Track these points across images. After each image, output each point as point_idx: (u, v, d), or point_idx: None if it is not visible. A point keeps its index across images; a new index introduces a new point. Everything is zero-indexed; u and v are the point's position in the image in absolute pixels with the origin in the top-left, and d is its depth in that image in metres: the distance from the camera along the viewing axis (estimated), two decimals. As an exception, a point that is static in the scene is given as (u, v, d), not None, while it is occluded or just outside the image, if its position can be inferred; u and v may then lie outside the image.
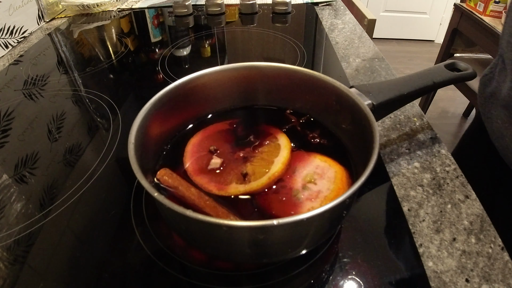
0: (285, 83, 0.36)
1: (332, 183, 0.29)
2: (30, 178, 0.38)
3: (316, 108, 0.36)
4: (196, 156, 0.32)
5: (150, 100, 0.30)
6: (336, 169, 0.30)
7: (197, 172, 0.30)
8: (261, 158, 0.31)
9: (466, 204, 0.33)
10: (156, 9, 0.88)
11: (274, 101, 0.38)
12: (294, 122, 0.36)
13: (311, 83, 0.35)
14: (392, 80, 0.36)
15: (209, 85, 0.36)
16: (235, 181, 0.29)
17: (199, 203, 0.27)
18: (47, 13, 0.83)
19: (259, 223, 0.20)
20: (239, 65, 0.36)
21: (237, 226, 0.21)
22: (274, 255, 0.26)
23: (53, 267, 0.29)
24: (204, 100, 0.36)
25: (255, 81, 0.37)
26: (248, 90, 0.38)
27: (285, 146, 0.32)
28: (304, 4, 0.88)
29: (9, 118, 0.49)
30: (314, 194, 0.28)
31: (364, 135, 0.29)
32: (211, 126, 0.36)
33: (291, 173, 0.30)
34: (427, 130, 0.42)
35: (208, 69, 0.35)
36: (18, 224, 0.33)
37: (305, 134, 0.35)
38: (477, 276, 0.27)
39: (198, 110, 0.37)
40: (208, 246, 0.26)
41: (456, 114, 1.88)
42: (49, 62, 0.65)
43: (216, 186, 0.29)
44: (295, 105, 0.38)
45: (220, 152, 0.32)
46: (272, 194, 0.29)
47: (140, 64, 0.64)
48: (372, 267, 0.28)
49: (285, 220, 0.20)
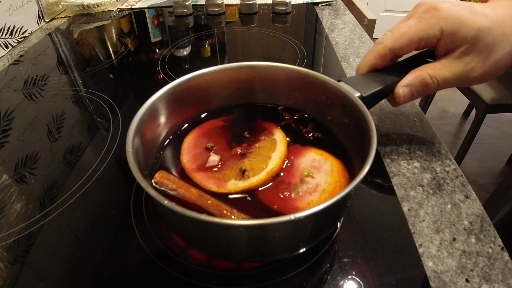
0: (277, 81, 0.37)
1: (329, 176, 0.29)
2: (30, 178, 0.38)
3: (308, 103, 0.36)
4: (193, 154, 0.32)
5: (144, 106, 0.30)
6: (332, 162, 0.30)
7: (195, 170, 0.30)
8: (258, 153, 0.31)
9: (466, 204, 0.33)
10: (156, 9, 0.88)
11: (267, 99, 0.39)
12: (288, 119, 0.37)
13: (301, 79, 0.35)
14: (378, 71, 0.36)
15: (202, 86, 0.36)
16: (234, 178, 0.29)
17: (201, 203, 0.27)
18: (47, 13, 0.83)
19: (279, 219, 0.20)
20: (229, 65, 0.36)
21: (257, 225, 0.20)
22: (287, 250, 0.26)
23: (53, 267, 0.29)
24: (197, 100, 0.36)
25: (247, 80, 0.37)
26: (240, 88, 0.38)
27: (281, 141, 0.32)
28: (304, 4, 0.88)
29: (9, 118, 0.49)
30: (312, 188, 0.28)
31: (358, 126, 0.29)
32: (206, 124, 0.36)
33: (288, 167, 0.31)
34: (427, 130, 0.42)
35: (199, 71, 0.35)
36: (18, 224, 0.33)
37: (299, 129, 0.35)
38: (477, 276, 0.27)
39: (192, 111, 0.37)
40: (221, 248, 0.26)
41: (456, 114, 1.88)
42: (49, 62, 0.65)
43: (215, 183, 0.29)
44: (288, 102, 0.38)
45: (217, 149, 0.32)
46: (271, 189, 0.29)
47: (140, 64, 0.64)
48: (372, 267, 0.28)
49: (302, 214, 0.20)
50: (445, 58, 0.33)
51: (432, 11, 0.32)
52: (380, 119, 0.44)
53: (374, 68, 0.35)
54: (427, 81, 0.33)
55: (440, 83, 0.33)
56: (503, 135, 1.73)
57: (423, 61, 0.36)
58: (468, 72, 0.32)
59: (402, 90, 0.34)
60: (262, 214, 0.27)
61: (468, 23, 0.30)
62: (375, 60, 0.35)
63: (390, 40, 0.33)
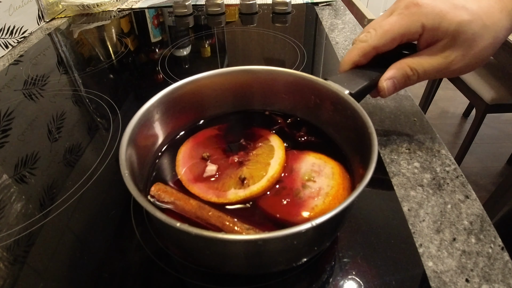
0: (267, 86, 0.36)
1: (331, 179, 0.29)
2: (30, 178, 0.38)
3: (298, 106, 0.36)
4: (189, 165, 0.31)
5: (133, 118, 0.28)
6: (332, 165, 0.30)
7: (193, 181, 0.29)
8: (256, 161, 0.31)
9: (466, 204, 0.33)
10: (156, 9, 0.88)
11: (258, 105, 0.38)
12: (281, 123, 0.36)
13: (289, 82, 0.35)
14: (361, 67, 0.37)
15: (190, 96, 0.34)
16: (234, 187, 0.28)
17: (201, 215, 0.26)
18: (47, 13, 0.83)
19: (300, 228, 0.19)
20: (210, 73, 0.35)
21: (273, 238, 0.19)
22: (301, 256, 0.25)
23: (53, 267, 0.29)
24: (190, 108, 0.35)
25: (229, 88, 0.36)
26: (225, 96, 0.37)
27: (278, 147, 0.32)
28: (304, 4, 0.88)
29: (9, 118, 0.49)
30: (315, 192, 0.28)
31: (353, 124, 0.29)
32: (200, 133, 0.35)
33: (288, 173, 0.30)
34: (427, 130, 0.42)
35: (187, 79, 0.34)
36: (18, 224, 0.33)
37: (293, 133, 0.35)
38: (477, 276, 0.27)
39: (184, 120, 0.36)
40: (232, 264, 0.25)
41: (456, 114, 1.88)
42: (49, 62, 0.65)
43: (215, 193, 0.28)
44: (278, 107, 0.38)
45: (214, 158, 0.32)
46: (273, 196, 0.28)
47: (140, 64, 0.64)
48: (372, 267, 0.28)
49: (321, 220, 0.20)
50: (426, 51, 0.34)
51: (413, 7, 0.32)
52: (380, 119, 0.44)
53: (357, 65, 0.36)
54: (408, 73, 0.34)
55: (421, 75, 0.34)
56: (503, 135, 1.73)
57: (402, 53, 0.37)
58: (449, 65, 0.33)
59: (385, 83, 0.34)
60: (266, 223, 0.26)
61: (448, 17, 0.31)
62: (358, 58, 0.35)
63: (375, 38, 0.34)
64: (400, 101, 0.48)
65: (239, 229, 0.25)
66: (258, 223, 0.26)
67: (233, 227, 0.25)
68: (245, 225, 0.25)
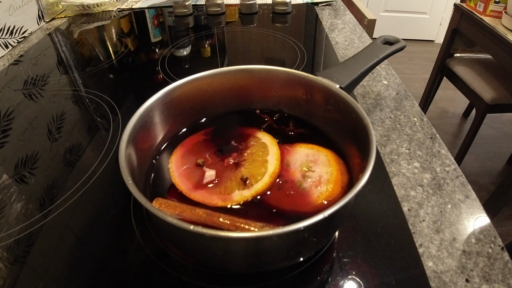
0: (263, 84, 0.37)
1: (328, 166, 0.29)
2: (30, 178, 0.38)
3: (287, 102, 0.37)
4: (185, 174, 0.30)
5: (132, 118, 0.28)
6: (325, 153, 0.31)
7: (193, 189, 0.29)
8: (253, 159, 0.31)
9: (466, 204, 0.33)
10: (156, 9, 0.88)
11: (244, 104, 0.38)
12: (268, 121, 0.36)
13: (280, 79, 0.35)
14: (346, 62, 0.38)
15: (189, 96, 0.34)
16: (237, 188, 0.28)
17: (211, 222, 0.25)
18: (47, 13, 0.83)
19: (313, 220, 0.19)
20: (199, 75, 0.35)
21: (289, 231, 0.19)
22: (311, 248, 0.25)
23: (53, 267, 0.29)
24: (189, 109, 0.35)
25: (229, 87, 0.36)
26: (224, 96, 0.37)
27: (271, 143, 0.32)
28: (304, 4, 0.88)
29: (9, 118, 0.49)
30: (317, 180, 0.28)
31: (346, 116, 0.30)
32: (186, 141, 0.34)
33: (285, 167, 0.31)
34: (427, 130, 0.42)
35: (177, 82, 0.33)
36: (18, 224, 0.33)
37: (282, 129, 0.35)
38: (477, 276, 0.27)
39: (183, 119, 0.35)
40: (244, 262, 0.25)
41: (456, 114, 1.88)
42: (49, 62, 0.65)
43: (220, 198, 0.28)
44: (267, 104, 0.38)
45: (208, 163, 0.31)
46: (277, 191, 0.29)
47: (140, 64, 0.64)
48: (372, 267, 0.28)
49: (331, 210, 0.20)
50: None
51: None
52: (380, 119, 0.44)
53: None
54: None
55: None
56: (503, 135, 1.73)
57: (382, 47, 0.38)
58: None
59: None
60: (276, 218, 0.26)
61: None
62: None
63: None
64: (400, 101, 0.48)
65: (254, 228, 0.24)
66: (268, 220, 0.26)
67: (248, 227, 0.24)
68: (258, 223, 0.25)
